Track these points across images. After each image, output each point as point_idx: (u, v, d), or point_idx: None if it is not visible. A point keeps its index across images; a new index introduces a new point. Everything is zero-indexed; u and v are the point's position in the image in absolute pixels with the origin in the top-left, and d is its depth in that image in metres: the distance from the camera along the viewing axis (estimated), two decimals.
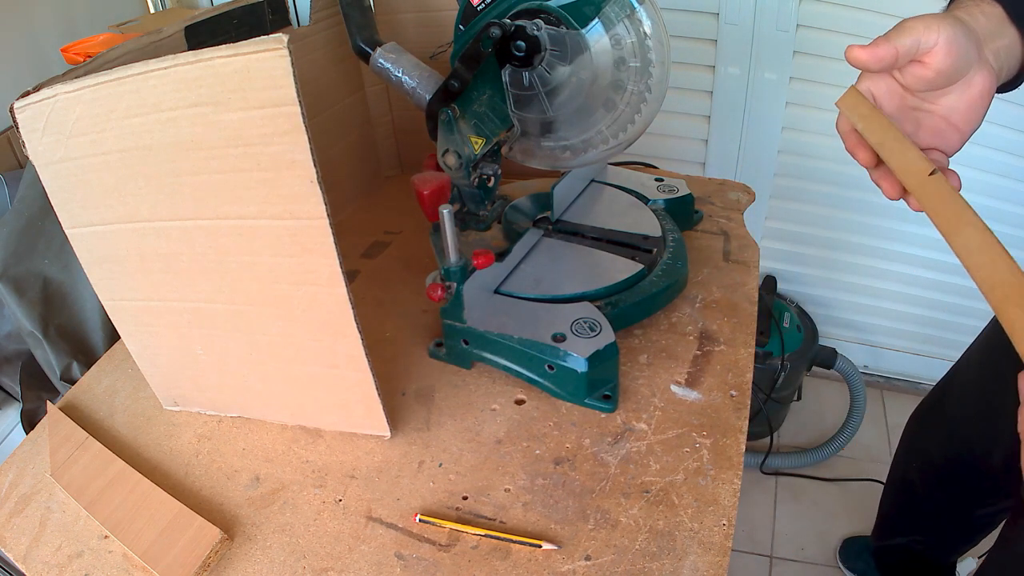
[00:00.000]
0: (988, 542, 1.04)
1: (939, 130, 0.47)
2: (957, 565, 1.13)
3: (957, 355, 0.92)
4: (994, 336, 0.87)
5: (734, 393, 0.59)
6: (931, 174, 0.41)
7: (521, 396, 0.61)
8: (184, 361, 0.58)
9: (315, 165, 0.42)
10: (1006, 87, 0.49)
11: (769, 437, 1.41)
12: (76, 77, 0.45)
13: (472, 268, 0.60)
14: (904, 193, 0.46)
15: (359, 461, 0.56)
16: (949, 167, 0.47)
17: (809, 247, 1.45)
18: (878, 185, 0.47)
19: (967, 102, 0.45)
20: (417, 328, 0.69)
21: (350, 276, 0.62)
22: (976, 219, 0.37)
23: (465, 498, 0.53)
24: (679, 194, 0.78)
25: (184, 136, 0.43)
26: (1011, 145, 1.17)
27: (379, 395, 0.54)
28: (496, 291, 0.65)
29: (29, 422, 0.80)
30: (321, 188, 0.43)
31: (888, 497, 1.14)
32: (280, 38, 0.39)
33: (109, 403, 0.64)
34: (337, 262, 0.46)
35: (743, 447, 0.54)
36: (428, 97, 0.61)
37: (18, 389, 0.82)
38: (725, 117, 1.33)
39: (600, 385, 0.59)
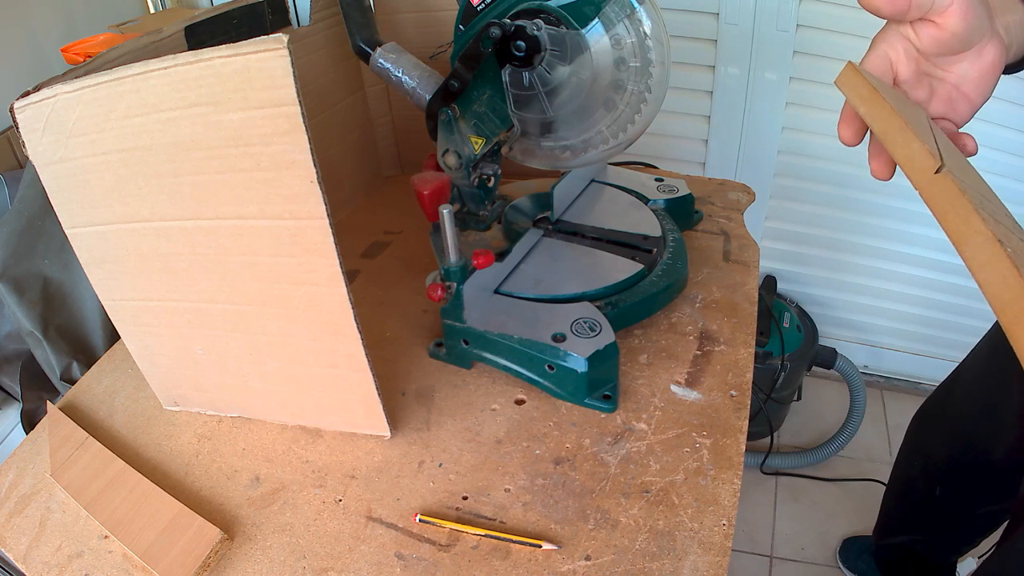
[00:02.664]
0: (988, 542, 1.04)
1: (951, 99, 0.47)
2: (957, 565, 1.13)
3: (957, 355, 0.93)
4: (998, 337, 0.88)
5: (734, 393, 0.59)
6: (937, 171, 0.39)
7: (521, 396, 0.61)
8: (184, 361, 0.58)
9: (315, 165, 0.42)
10: (1016, 67, 0.49)
11: (769, 437, 1.41)
12: (76, 77, 0.45)
13: (472, 268, 0.60)
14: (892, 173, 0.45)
15: (359, 461, 0.56)
16: (961, 131, 0.47)
17: (809, 247, 1.45)
18: (869, 161, 0.46)
19: (979, 71, 0.45)
20: (417, 328, 0.69)
21: (350, 276, 0.62)
22: (983, 226, 0.34)
23: (465, 498, 0.53)
24: (679, 194, 0.78)
25: (184, 136, 0.43)
26: (1011, 145, 1.17)
27: (379, 395, 0.54)
28: (496, 291, 0.65)
29: (29, 422, 0.80)
30: (321, 188, 0.43)
31: (890, 495, 1.14)
32: (280, 38, 0.39)
33: (109, 403, 0.64)
34: (337, 262, 0.46)
35: (743, 447, 0.54)
36: (428, 97, 0.61)
37: (18, 389, 0.82)
38: (725, 117, 1.33)
39: (600, 385, 0.59)
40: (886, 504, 1.15)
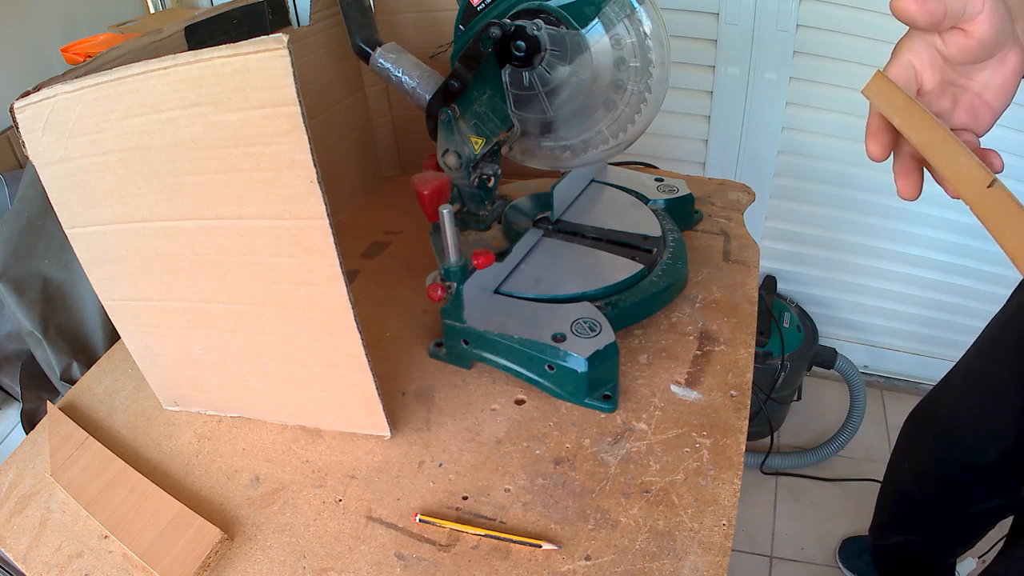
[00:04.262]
0: (988, 541, 1.04)
1: (973, 108, 0.45)
2: (956, 565, 1.13)
3: (957, 355, 0.93)
4: (988, 342, 0.87)
5: (734, 393, 0.59)
6: (990, 185, 0.36)
7: (521, 396, 0.61)
8: (184, 361, 0.58)
9: (315, 165, 0.42)
10: None
11: (769, 437, 1.41)
12: (76, 77, 0.45)
13: (472, 268, 0.60)
14: (917, 192, 0.44)
15: (359, 461, 0.56)
16: (986, 147, 0.45)
17: (809, 247, 1.45)
18: (895, 181, 0.45)
19: (1001, 78, 0.44)
20: (417, 328, 0.69)
21: (350, 276, 0.62)
22: None
23: (465, 498, 0.53)
24: (679, 194, 0.78)
25: (184, 136, 0.43)
26: (1012, 145, 1.17)
27: (379, 395, 0.54)
28: (496, 291, 0.65)
29: (29, 422, 0.80)
30: (321, 188, 0.43)
31: (883, 499, 1.13)
32: (280, 38, 0.39)
33: (109, 403, 0.64)
34: (337, 262, 0.46)
35: (743, 447, 0.54)
36: (428, 97, 0.61)
37: (18, 389, 0.82)
38: (725, 117, 1.33)
39: (600, 385, 0.59)
40: (879, 507, 1.15)
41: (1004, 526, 0.89)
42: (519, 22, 0.58)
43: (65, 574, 0.50)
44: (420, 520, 0.51)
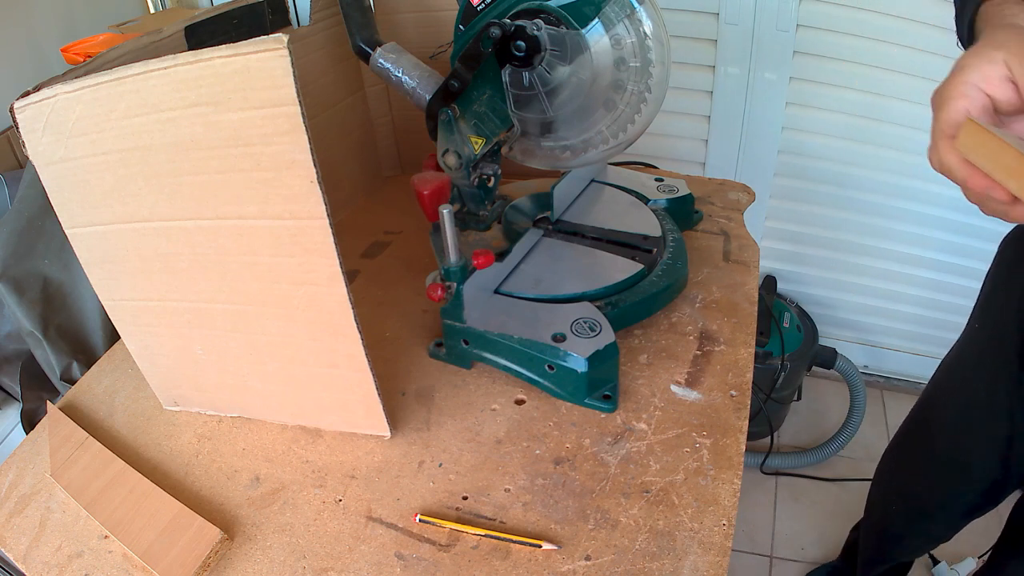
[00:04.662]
0: (988, 540, 1.03)
1: None
2: (955, 566, 1.13)
3: None
4: (969, 368, 0.83)
5: (734, 393, 0.59)
6: None
7: (521, 396, 0.61)
8: (184, 361, 0.58)
9: (315, 165, 0.42)
10: None
11: (769, 437, 1.41)
12: (76, 77, 0.45)
13: (472, 268, 0.60)
14: None
15: (359, 461, 0.56)
16: None
17: (809, 247, 1.45)
18: None
19: None
20: (417, 328, 0.69)
21: (350, 276, 0.62)
22: None
23: (465, 498, 0.53)
24: (679, 194, 0.78)
25: (184, 136, 0.43)
26: None
27: (379, 395, 0.54)
28: (496, 291, 0.65)
29: (29, 422, 0.80)
30: (321, 188, 0.43)
31: (867, 542, 1.09)
32: (280, 38, 0.39)
33: (109, 403, 0.64)
34: (337, 262, 0.46)
35: (743, 447, 0.54)
36: (428, 97, 0.61)
37: (18, 389, 0.82)
38: (725, 117, 1.33)
39: (600, 385, 0.59)
40: (863, 548, 1.10)
41: (1003, 522, 0.89)
42: (519, 22, 0.58)
43: (65, 574, 0.50)
44: (420, 520, 0.51)
